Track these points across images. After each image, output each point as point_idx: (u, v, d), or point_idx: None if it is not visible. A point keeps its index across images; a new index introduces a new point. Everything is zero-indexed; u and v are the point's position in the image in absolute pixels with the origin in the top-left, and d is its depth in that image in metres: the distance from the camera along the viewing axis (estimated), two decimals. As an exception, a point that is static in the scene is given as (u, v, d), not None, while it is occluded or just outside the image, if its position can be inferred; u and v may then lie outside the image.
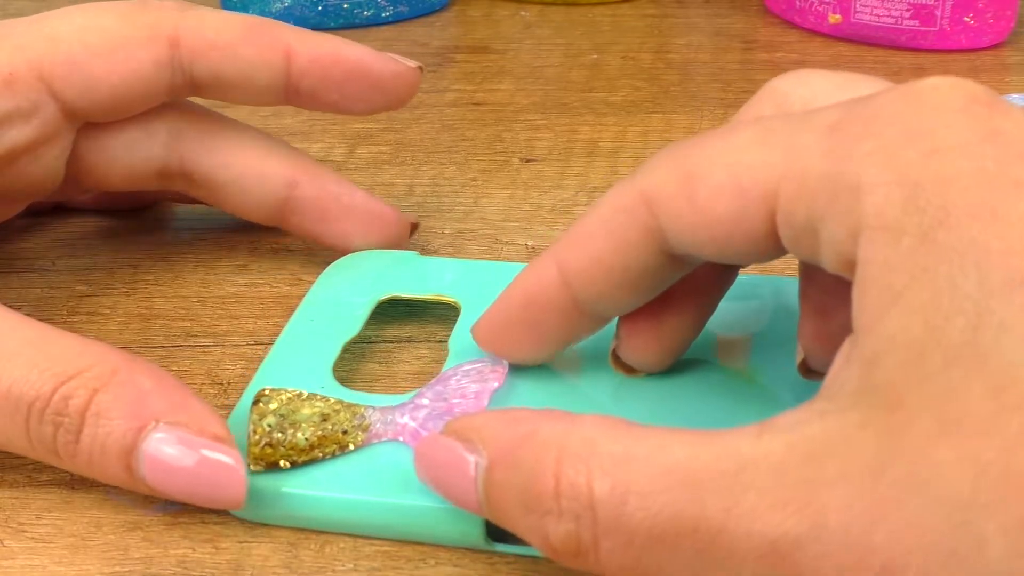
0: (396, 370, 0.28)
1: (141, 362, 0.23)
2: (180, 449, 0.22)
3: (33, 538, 0.23)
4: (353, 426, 0.24)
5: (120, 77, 0.28)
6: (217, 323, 0.30)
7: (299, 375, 0.26)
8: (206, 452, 0.22)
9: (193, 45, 0.29)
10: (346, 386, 0.26)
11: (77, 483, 0.25)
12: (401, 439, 0.24)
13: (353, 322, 0.28)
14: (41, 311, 0.31)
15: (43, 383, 0.22)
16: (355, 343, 0.28)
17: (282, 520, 0.23)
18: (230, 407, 0.26)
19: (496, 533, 0.23)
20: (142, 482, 0.22)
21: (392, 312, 0.30)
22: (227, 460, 0.22)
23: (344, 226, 0.31)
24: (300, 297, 0.30)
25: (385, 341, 0.29)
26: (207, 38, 0.29)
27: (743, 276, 0.30)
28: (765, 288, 0.29)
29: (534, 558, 0.23)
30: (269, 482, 0.23)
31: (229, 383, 0.28)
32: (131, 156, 0.30)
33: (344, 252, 0.31)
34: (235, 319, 0.30)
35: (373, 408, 0.25)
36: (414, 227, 0.32)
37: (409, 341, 0.29)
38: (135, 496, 0.24)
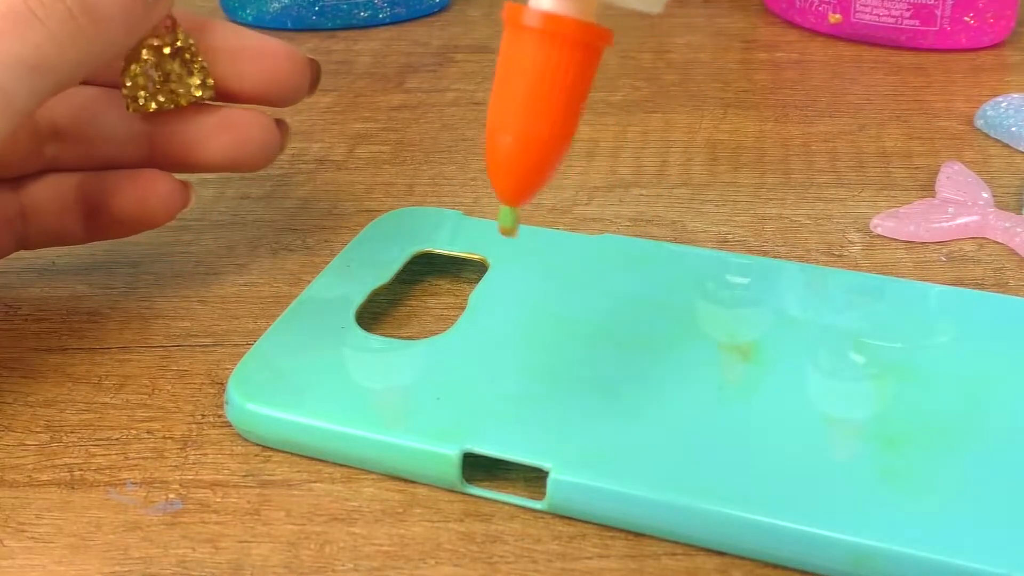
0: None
1: None
2: None
3: (33, 538, 0.23)
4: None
5: None
6: (217, 323, 0.30)
7: (323, 315, 0.28)
8: None
9: None
10: (368, 329, 0.28)
11: (77, 483, 0.25)
12: None
13: (385, 271, 0.30)
14: (41, 311, 0.31)
15: None
16: (385, 293, 0.30)
17: (281, 445, 0.25)
18: (230, 407, 0.27)
19: (470, 475, 0.24)
20: None
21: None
22: None
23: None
24: (300, 297, 0.30)
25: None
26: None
27: (739, 280, 0.30)
28: (765, 291, 0.29)
29: (533, 559, 0.23)
30: (272, 411, 0.25)
31: (229, 383, 0.28)
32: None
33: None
34: (235, 319, 0.30)
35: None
36: (315, 69, 0.31)
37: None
38: (135, 496, 0.24)
